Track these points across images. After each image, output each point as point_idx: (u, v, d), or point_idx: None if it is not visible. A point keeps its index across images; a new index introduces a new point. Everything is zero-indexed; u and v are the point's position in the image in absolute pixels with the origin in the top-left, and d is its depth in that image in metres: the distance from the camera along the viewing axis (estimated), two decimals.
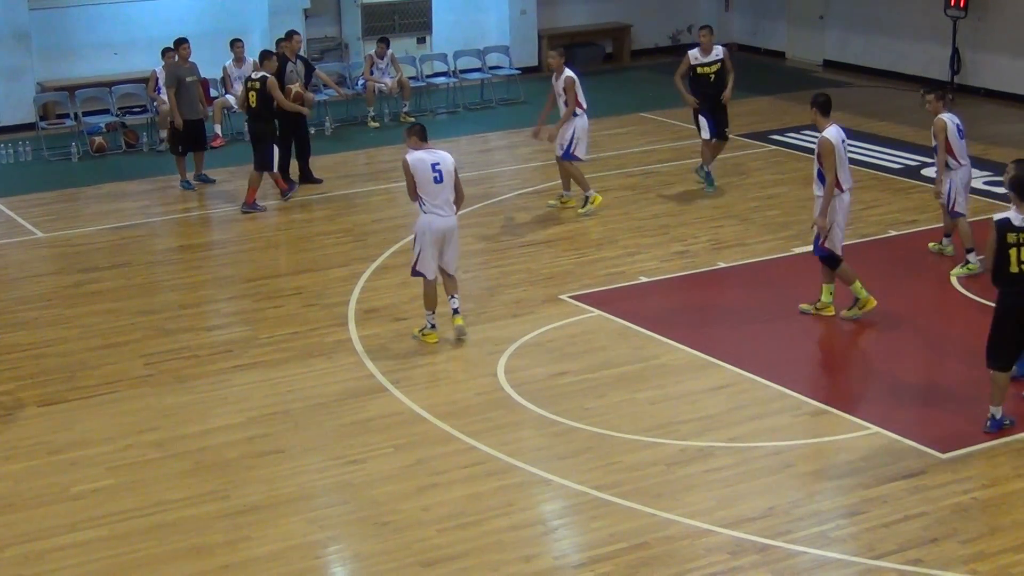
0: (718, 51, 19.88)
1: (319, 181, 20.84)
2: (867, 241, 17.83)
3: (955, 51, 25.71)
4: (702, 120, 19.88)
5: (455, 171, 14.81)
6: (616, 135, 23.61)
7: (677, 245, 17.96)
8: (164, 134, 23.07)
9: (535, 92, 21.18)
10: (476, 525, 11.35)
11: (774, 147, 22.54)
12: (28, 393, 14.05)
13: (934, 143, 16.73)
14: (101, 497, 11.91)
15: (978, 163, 20.94)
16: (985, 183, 20.21)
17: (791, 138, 22.97)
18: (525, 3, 28.41)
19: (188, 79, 21.02)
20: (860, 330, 15.30)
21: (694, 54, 19.93)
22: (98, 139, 23.13)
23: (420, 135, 14.87)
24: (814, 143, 15.66)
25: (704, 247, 17.86)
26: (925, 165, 20.98)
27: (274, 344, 15.06)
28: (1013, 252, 12.12)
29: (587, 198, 19.14)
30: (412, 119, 24.64)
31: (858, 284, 15.20)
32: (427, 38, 26.98)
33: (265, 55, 20.33)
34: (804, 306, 15.53)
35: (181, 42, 21.30)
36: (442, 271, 14.98)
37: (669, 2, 30.51)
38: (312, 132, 23.22)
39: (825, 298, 15.48)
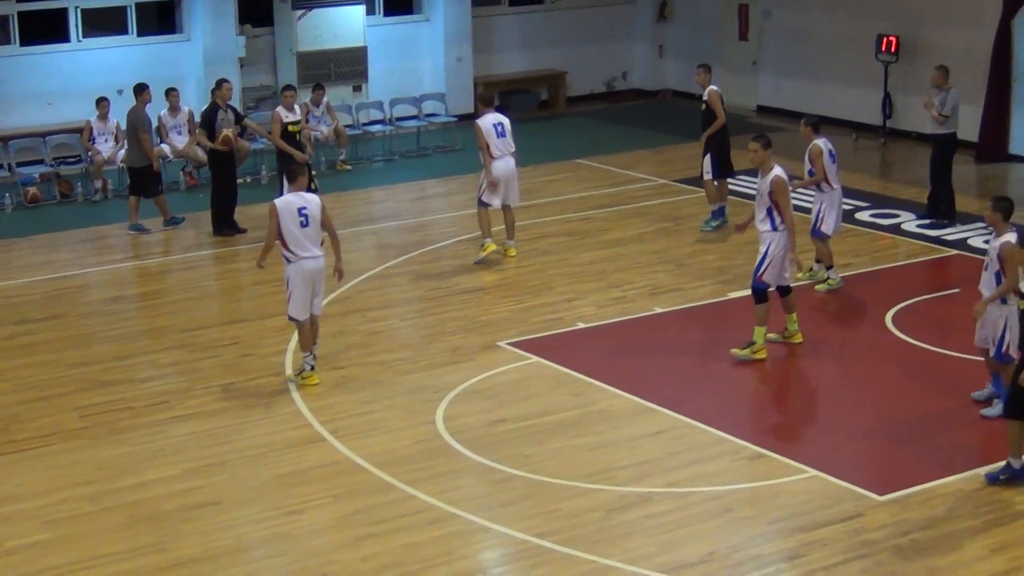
0: (708, 89, 20.38)
1: (243, 231, 20.74)
2: (800, 285, 17.90)
3: (887, 96, 25.96)
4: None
5: (323, 212, 14.91)
6: (552, 181, 23.67)
7: (614, 291, 18.00)
8: (99, 184, 22.97)
9: (471, 139, 21.24)
10: (415, 575, 11.28)
11: None
12: None
13: (809, 167, 17.80)
14: (36, 552, 11.77)
15: (910, 206, 21.20)
16: (918, 226, 20.40)
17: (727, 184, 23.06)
18: (461, 50, 28.48)
19: (150, 125, 21.45)
20: (796, 373, 15.40)
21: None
22: (32, 189, 22.94)
23: (292, 176, 15.04)
24: (749, 187, 15.77)
25: (641, 292, 17.90)
26: (858, 208, 21.14)
27: (210, 395, 14.96)
28: None
29: (482, 244, 19.24)
30: (348, 167, 24.67)
31: (763, 330, 15.40)
32: (363, 86, 26.97)
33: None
34: (771, 335, 15.73)
35: (143, 88, 21.54)
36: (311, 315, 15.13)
37: (603, 49, 30.66)
38: (248, 180, 23.26)
39: (791, 327, 15.77)
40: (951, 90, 20.36)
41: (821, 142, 17.76)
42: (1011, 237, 13.36)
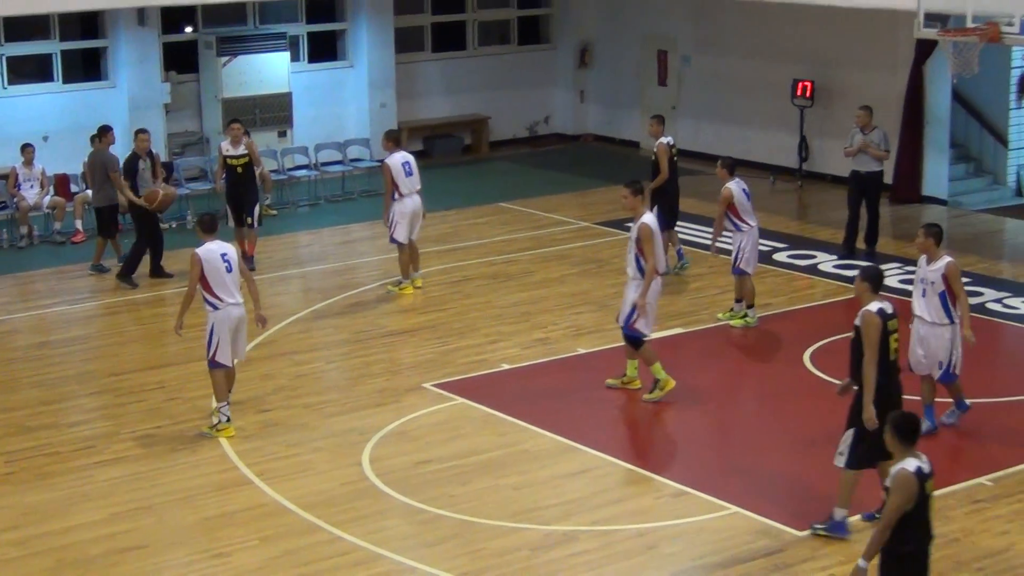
0: (657, 142, 20.31)
1: (170, 276, 20.62)
2: (721, 326, 18.05)
3: (803, 139, 26.23)
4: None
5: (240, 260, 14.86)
6: (476, 224, 23.72)
7: (538, 332, 18.05)
8: (24, 230, 22.80)
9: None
10: None
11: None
12: None
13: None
14: None
15: (827, 247, 21.42)
16: (834, 267, 20.61)
17: None
18: (385, 96, 28.51)
19: (112, 168, 21.07)
20: (718, 412, 15.48)
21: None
22: None
23: (206, 227, 14.78)
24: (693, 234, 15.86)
25: (564, 334, 17.96)
26: (776, 250, 21.32)
27: (137, 439, 14.85)
28: (890, 340, 12.14)
29: (400, 284, 19.61)
30: (274, 212, 24.60)
31: (658, 365, 15.46)
32: (288, 132, 26.94)
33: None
34: (611, 381, 15.83)
35: (107, 130, 21.51)
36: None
37: (525, 95, 30.79)
38: (174, 226, 23.15)
39: (631, 372, 15.80)
40: (877, 128, 20.83)
41: (734, 184, 17.95)
42: (949, 258, 13.98)
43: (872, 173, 21.10)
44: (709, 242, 18.78)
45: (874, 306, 12.09)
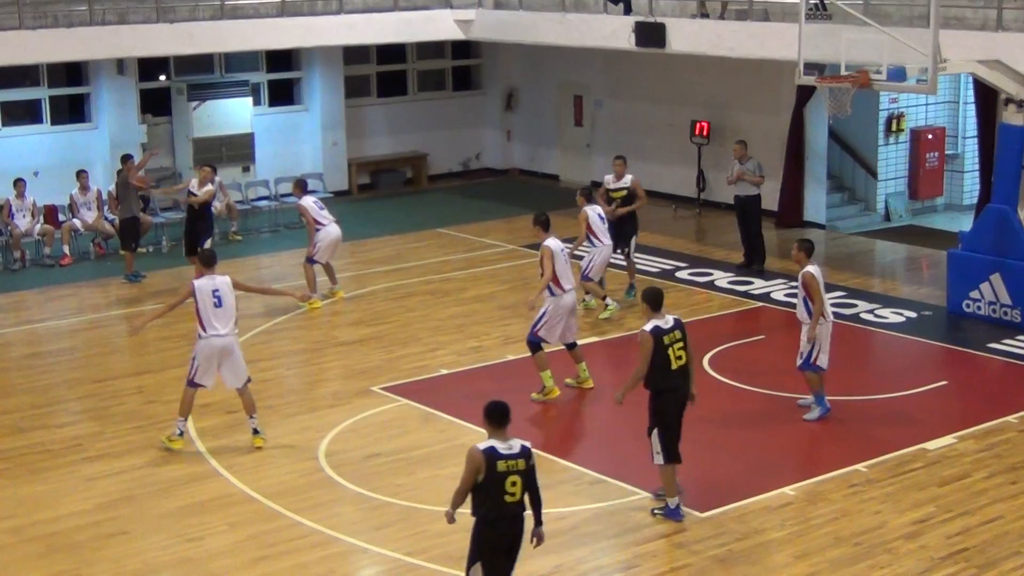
0: (627, 179, 19.82)
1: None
2: (632, 334, 18.04)
3: (700, 172, 26.37)
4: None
5: (233, 287, 14.28)
6: (416, 248, 23.67)
7: (472, 341, 18.02)
8: (17, 254, 22.53)
9: (344, 212, 21.37)
10: None
11: None
12: None
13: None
14: None
15: (722, 265, 21.53)
16: (729, 282, 20.75)
17: (566, 248, 23.19)
18: (336, 136, 28.41)
19: (136, 190, 21.63)
20: (629, 411, 15.46)
21: (608, 179, 20.09)
22: None
23: (206, 261, 14.40)
24: (585, 251, 15.93)
25: (495, 342, 17.95)
26: (679, 268, 21.43)
27: (119, 438, 14.70)
28: (671, 352, 12.22)
29: (310, 298, 19.52)
30: (239, 238, 24.45)
31: (548, 373, 15.46)
32: (251, 167, 26.75)
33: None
34: (569, 380, 15.90)
35: (128, 157, 21.93)
36: (237, 390, 14.45)
37: (459, 134, 30.79)
38: (150, 250, 22.99)
39: (582, 374, 15.83)
40: (752, 159, 21.15)
41: (590, 209, 18.29)
42: (811, 268, 14.33)
43: (751, 197, 21.45)
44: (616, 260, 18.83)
45: (649, 325, 12.24)
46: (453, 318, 19.18)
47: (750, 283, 20.72)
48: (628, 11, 23.73)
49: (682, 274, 21.27)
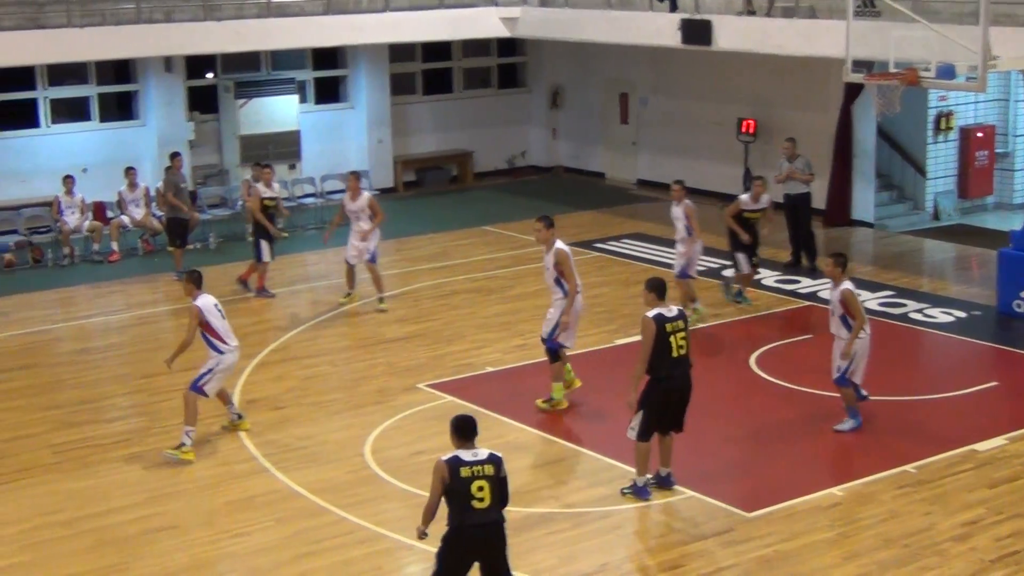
0: (764, 200, 19.16)
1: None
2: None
3: (747, 170, 26.27)
4: (740, 256, 19.21)
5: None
6: (462, 245, 23.70)
7: (517, 339, 18.03)
8: (66, 250, 22.73)
9: (390, 210, 21.44)
10: None
11: (598, 254, 22.79)
12: None
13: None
14: (15, 572, 11.61)
15: (768, 264, 21.43)
16: (776, 281, 20.66)
17: (612, 246, 23.26)
18: (381, 133, 28.50)
19: (182, 185, 21.51)
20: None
21: (744, 200, 19.23)
22: (8, 256, 22.67)
23: (197, 282, 14.13)
24: (633, 249, 15.84)
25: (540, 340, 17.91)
26: (725, 266, 21.34)
27: (167, 432, 14.79)
28: (672, 340, 12.46)
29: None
30: (286, 234, 24.52)
31: (560, 385, 15.18)
32: (297, 164, 26.90)
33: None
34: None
35: (175, 155, 22.03)
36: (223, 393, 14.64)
37: (504, 132, 30.80)
38: (198, 247, 23.12)
39: (567, 376, 15.54)
40: (801, 156, 21.05)
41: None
42: (849, 285, 14.07)
43: (801, 195, 21.45)
44: (658, 258, 18.73)
45: (652, 312, 12.45)
46: (498, 316, 19.19)
47: (797, 281, 20.63)
48: (674, 8, 23.68)
49: (728, 272, 21.15)
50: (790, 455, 13.97)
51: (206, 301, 14.05)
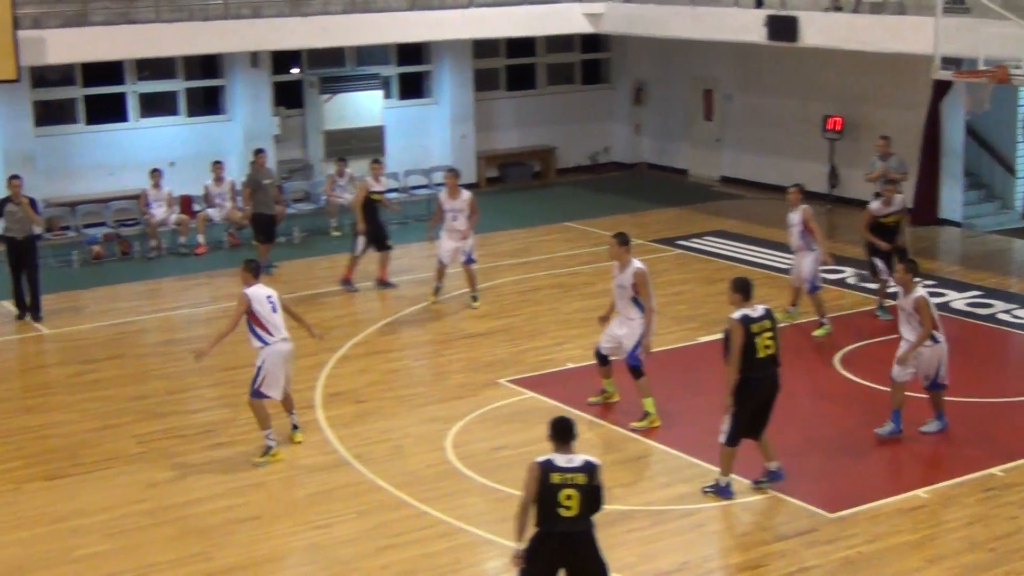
0: (898, 200, 18.24)
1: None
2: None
3: (832, 168, 26.04)
4: (879, 263, 18.43)
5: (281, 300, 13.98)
6: (544, 241, 23.70)
7: (598, 336, 17.88)
8: (153, 243, 23.01)
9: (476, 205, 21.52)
10: None
11: (680, 251, 22.68)
12: (35, 469, 13.87)
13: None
14: (99, 560, 11.75)
15: (854, 263, 21.19)
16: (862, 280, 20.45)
17: (694, 243, 23.13)
18: (465, 129, 28.56)
19: (265, 182, 21.55)
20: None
21: (876, 206, 18.28)
22: (96, 248, 23.00)
23: (254, 271, 13.88)
24: (715, 246, 15.73)
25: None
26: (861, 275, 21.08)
27: (251, 424, 14.83)
28: (758, 340, 12.36)
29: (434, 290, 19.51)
30: (363, 229, 24.63)
31: (651, 400, 14.76)
32: (380, 159, 26.98)
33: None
34: (593, 399, 15.38)
35: (259, 152, 21.97)
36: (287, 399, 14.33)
37: (587, 128, 30.75)
38: (283, 240, 23.29)
39: (608, 388, 15.36)
40: (895, 155, 20.75)
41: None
42: (923, 292, 13.79)
43: None
44: (741, 255, 18.59)
45: (738, 313, 12.34)
46: (580, 312, 19.15)
47: (882, 280, 20.34)
48: (760, 4, 23.51)
49: (855, 280, 20.94)
50: (874, 456, 13.81)
51: (257, 291, 13.75)
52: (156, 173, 23.51)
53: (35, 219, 18.95)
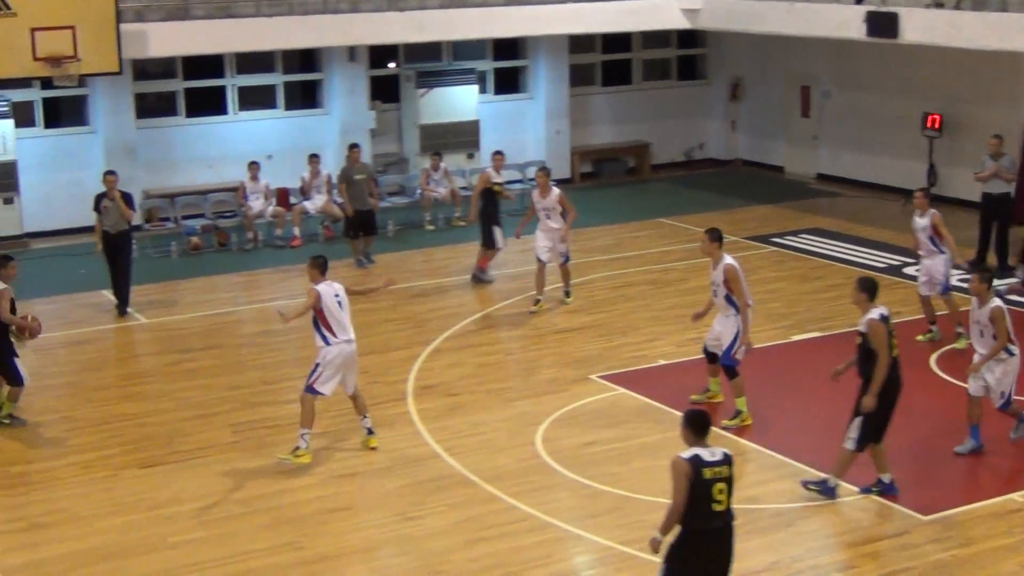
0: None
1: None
2: (856, 331, 17.69)
3: (931, 166, 25.69)
4: None
5: (348, 292, 13.87)
6: (637, 237, 23.63)
7: (691, 332, 17.85)
8: (251, 235, 23.27)
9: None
10: (517, 574, 11.28)
11: (775, 248, 22.51)
12: (132, 456, 14.10)
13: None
14: (193, 547, 11.91)
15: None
16: (958, 280, 20.11)
17: (790, 241, 22.94)
18: (559, 124, 28.56)
19: (357, 177, 21.80)
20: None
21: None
22: (194, 239, 23.31)
23: (321, 268, 13.68)
24: (811, 244, 15.59)
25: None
26: (906, 264, 20.91)
27: (344, 416, 15.02)
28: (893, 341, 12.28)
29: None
30: (463, 223, 24.76)
31: (744, 400, 14.67)
32: (475, 154, 27.10)
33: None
34: (696, 396, 15.23)
35: (354, 147, 22.27)
36: (350, 396, 14.12)
37: (682, 123, 30.61)
38: (378, 234, 23.45)
39: (713, 388, 15.26)
40: (1007, 155, 20.49)
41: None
42: (999, 302, 13.35)
43: (1002, 195, 20.76)
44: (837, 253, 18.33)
45: (875, 313, 12.19)
46: (672, 308, 19.08)
47: (1002, 274, 20.04)
48: (860, 0, 23.24)
49: (910, 270, 20.71)
50: (968, 460, 13.60)
51: (326, 288, 13.64)
52: (254, 166, 23.77)
53: (128, 215, 19.19)
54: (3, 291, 14.74)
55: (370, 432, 14.20)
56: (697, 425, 9.42)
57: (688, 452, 9.31)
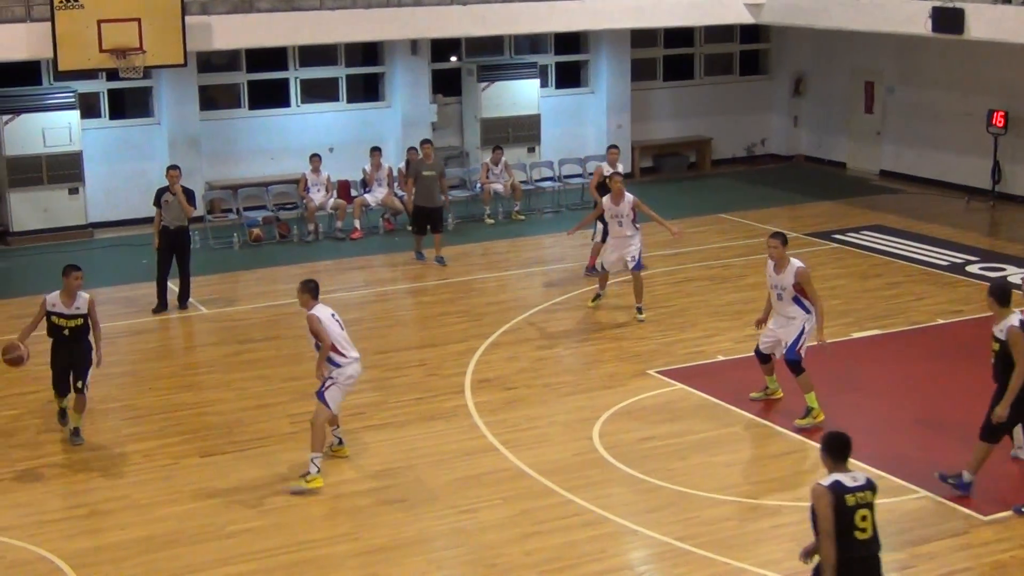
0: None
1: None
2: (917, 328, 17.59)
3: (996, 164, 25.41)
4: None
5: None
6: (697, 233, 23.51)
7: (750, 329, 17.71)
8: (311, 227, 23.37)
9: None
10: (572, 569, 11.25)
11: (836, 245, 22.33)
12: (192, 445, 14.19)
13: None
14: (251, 536, 11.97)
15: (1017, 261, 20.66)
16: (1022, 279, 19.88)
17: (851, 237, 22.75)
18: (621, 119, 28.47)
19: (426, 173, 21.63)
20: (911, 407, 15.05)
21: None
22: (256, 230, 23.44)
23: (313, 292, 13.09)
24: (872, 241, 15.46)
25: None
26: (969, 262, 20.69)
27: (400, 408, 15.08)
28: None
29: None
30: (523, 217, 24.77)
31: (813, 395, 14.41)
32: (536, 148, 27.09)
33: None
34: (755, 394, 15.10)
35: (425, 143, 22.16)
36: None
37: (744, 118, 30.44)
38: (456, 225, 23.50)
39: (772, 386, 15.08)
40: None
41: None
42: (1014, 320, 12.06)
43: None
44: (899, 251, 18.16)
45: (1015, 319, 11.82)
46: (731, 304, 18.98)
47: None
48: None
49: (972, 268, 20.50)
50: None
51: (323, 311, 13.09)
52: (315, 158, 23.86)
53: (189, 211, 19.24)
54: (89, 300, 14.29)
55: (340, 442, 13.80)
56: (836, 449, 9.00)
57: (828, 479, 8.92)
